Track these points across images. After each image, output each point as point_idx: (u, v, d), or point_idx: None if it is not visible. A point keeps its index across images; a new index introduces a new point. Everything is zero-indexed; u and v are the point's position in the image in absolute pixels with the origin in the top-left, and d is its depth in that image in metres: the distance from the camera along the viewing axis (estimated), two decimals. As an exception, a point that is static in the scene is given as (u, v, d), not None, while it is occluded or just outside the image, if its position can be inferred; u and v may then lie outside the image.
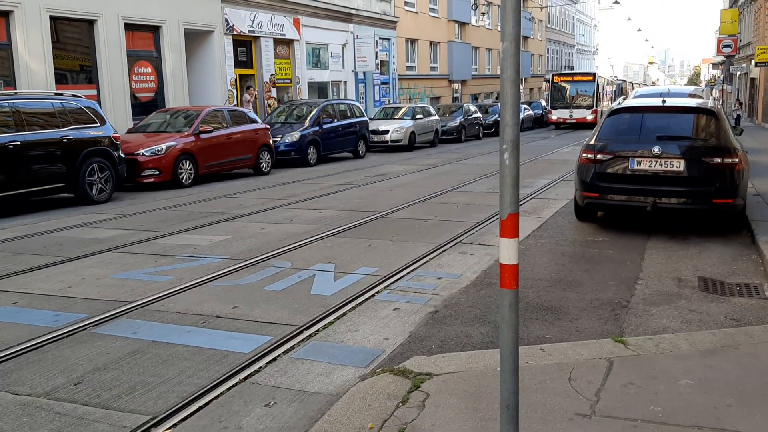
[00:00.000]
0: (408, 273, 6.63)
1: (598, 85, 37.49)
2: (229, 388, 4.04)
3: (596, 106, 36.45)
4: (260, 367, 4.34)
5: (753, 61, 32.86)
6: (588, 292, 5.94)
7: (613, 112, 8.76)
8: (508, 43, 2.34)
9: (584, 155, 8.36)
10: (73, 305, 5.74)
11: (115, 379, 4.20)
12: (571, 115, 36.26)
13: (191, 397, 3.90)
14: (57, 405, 3.86)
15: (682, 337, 4.61)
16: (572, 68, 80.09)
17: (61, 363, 4.48)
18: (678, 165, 7.75)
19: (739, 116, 33.22)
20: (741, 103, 39.66)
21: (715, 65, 68.31)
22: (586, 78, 38.63)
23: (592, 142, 8.41)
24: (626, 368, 4.03)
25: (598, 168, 8.18)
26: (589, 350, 4.34)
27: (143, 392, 4.01)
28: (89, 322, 5.26)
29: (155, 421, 3.63)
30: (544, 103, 44.61)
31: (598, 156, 8.19)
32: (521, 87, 50.89)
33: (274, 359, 4.48)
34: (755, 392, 3.69)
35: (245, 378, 4.19)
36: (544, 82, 45.56)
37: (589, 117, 35.88)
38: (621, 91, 48.89)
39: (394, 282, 6.31)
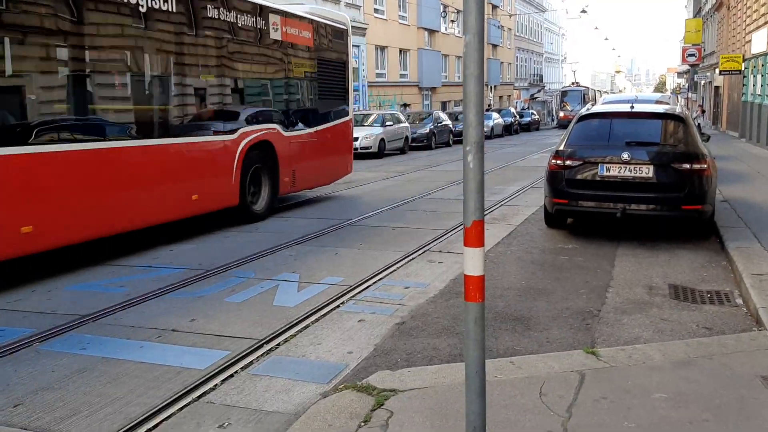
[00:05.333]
0: (375, 282, 6.43)
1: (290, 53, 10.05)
2: (181, 408, 3.79)
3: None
4: (216, 385, 4.10)
5: (717, 70, 33.39)
6: (558, 300, 5.80)
7: (582, 118, 8.68)
8: (471, 36, 2.16)
9: (553, 161, 8.26)
10: (20, 319, 5.43)
11: (59, 400, 3.92)
12: None
13: (139, 419, 3.65)
14: (-8, 430, 3.58)
15: (654, 347, 4.47)
16: (541, 77, 73.45)
17: (1, 382, 4.19)
18: (647, 171, 7.68)
19: (699, 125, 30.00)
20: (704, 111, 39.39)
21: (680, 74, 69.51)
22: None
23: (561, 148, 8.32)
24: (598, 381, 3.87)
25: (567, 174, 8.08)
26: (561, 363, 4.18)
27: (88, 414, 3.74)
28: (36, 337, 4.96)
29: (98, 446, 3.38)
30: (513, 110, 43.32)
31: (567, 162, 8.09)
32: (491, 94, 51.13)
33: (231, 376, 4.25)
34: (731, 406, 3.55)
35: (199, 397, 3.94)
36: None
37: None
38: (583, 98, 47.47)
39: (360, 292, 6.10)
